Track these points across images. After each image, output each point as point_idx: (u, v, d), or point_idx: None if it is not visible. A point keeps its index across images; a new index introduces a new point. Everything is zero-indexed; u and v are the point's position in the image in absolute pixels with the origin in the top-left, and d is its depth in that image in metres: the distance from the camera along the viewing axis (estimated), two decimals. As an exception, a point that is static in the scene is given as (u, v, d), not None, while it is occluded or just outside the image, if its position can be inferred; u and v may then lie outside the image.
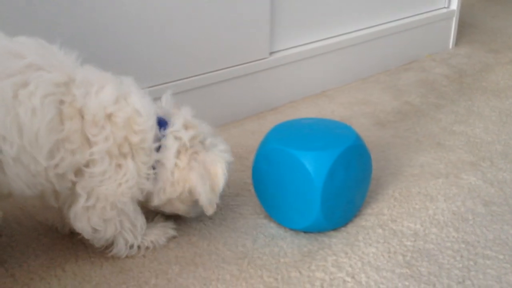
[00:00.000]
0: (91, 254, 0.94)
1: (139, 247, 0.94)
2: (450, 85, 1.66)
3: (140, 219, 0.92)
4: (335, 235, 0.99)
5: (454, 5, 1.96)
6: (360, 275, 0.89)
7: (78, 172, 0.82)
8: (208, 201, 0.91)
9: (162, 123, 0.90)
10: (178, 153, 0.89)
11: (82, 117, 0.80)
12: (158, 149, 0.88)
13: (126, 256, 0.93)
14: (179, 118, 0.91)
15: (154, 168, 0.89)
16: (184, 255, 0.94)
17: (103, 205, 0.84)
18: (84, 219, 0.85)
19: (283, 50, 1.50)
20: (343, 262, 0.92)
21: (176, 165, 0.89)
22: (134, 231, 0.91)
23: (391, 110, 1.50)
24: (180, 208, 0.95)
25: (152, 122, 0.86)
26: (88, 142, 0.81)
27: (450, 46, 2.00)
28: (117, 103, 0.83)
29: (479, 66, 1.81)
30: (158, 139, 0.88)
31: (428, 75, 1.74)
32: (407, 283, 0.87)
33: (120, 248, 0.91)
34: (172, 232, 0.98)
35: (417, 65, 1.83)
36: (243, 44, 1.37)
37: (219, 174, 0.91)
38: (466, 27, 2.23)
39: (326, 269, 0.91)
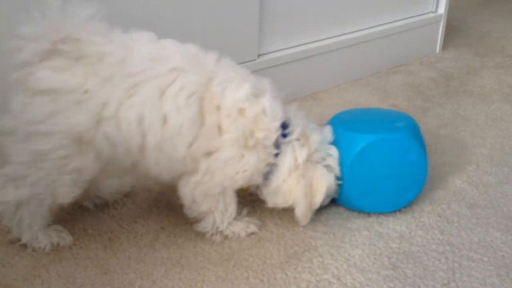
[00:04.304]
0: (76, 255, 0.93)
1: (221, 232, 0.98)
2: (436, 88, 1.67)
3: (233, 207, 0.98)
4: (321, 237, 0.99)
5: (442, 9, 1.97)
6: (345, 277, 0.89)
7: (207, 154, 0.91)
8: (302, 215, 0.98)
9: (284, 127, 0.96)
10: (290, 169, 0.96)
11: (219, 111, 0.90)
12: (276, 154, 0.96)
13: (201, 238, 0.98)
14: (298, 127, 0.97)
15: (269, 170, 0.96)
16: (169, 256, 0.94)
17: (213, 184, 0.93)
18: (190, 189, 0.93)
19: (271, 52, 1.50)
20: (329, 263, 0.92)
21: (287, 176, 0.96)
22: (224, 216, 0.97)
23: (379, 112, 1.51)
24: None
25: (277, 124, 0.94)
26: (221, 131, 0.90)
27: (438, 50, 2.01)
28: (248, 100, 0.91)
29: (466, 70, 1.83)
30: (278, 144, 0.95)
31: (415, 78, 1.75)
32: (392, 285, 0.88)
33: (206, 226, 0.97)
34: (253, 228, 1.01)
35: (405, 68, 1.84)
36: (231, 46, 1.37)
37: (320, 193, 0.98)
38: (454, 31, 2.25)
39: (312, 271, 0.91)
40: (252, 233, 1.00)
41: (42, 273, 0.89)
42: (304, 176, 0.96)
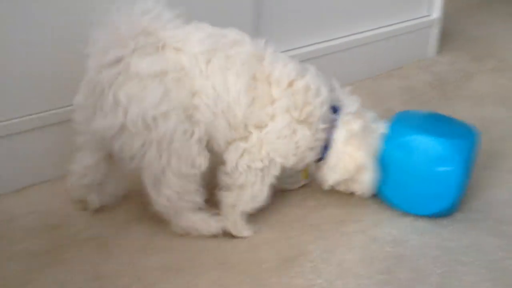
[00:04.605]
0: (69, 259, 0.93)
1: (235, 211, 0.99)
2: (432, 92, 1.68)
3: (264, 195, 1.00)
4: (315, 241, 0.99)
5: (437, 13, 1.98)
6: (337, 282, 0.89)
7: (259, 126, 0.96)
8: (370, 182, 1.03)
9: (335, 109, 1.02)
10: (347, 139, 1.01)
11: (269, 81, 0.96)
12: (330, 129, 1.01)
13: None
14: (351, 105, 1.03)
15: (326, 146, 1.02)
16: (163, 260, 0.94)
17: (260, 156, 0.97)
18: (237, 155, 0.97)
19: (266, 56, 1.50)
20: (322, 268, 0.92)
21: (345, 146, 1.01)
22: (251, 200, 0.99)
23: (374, 116, 1.51)
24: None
25: (320, 100, 0.99)
26: (273, 100, 0.96)
27: (433, 54, 2.02)
28: (296, 73, 0.98)
29: (461, 74, 1.83)
30: (330, 121, 1.01)
31: (410, 82, 1.75)
32: (385, 289, 0.88)
33: (229, 196, 0.99)
34: (248, 233, 1.01)
35: (400, 72, 1.84)
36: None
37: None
38: (450, 34, 2.25)
39: (305, 276, 0.91)
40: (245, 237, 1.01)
41: (35, 277, 0.89)
42: (364, 143, 1.01)
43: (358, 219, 1.05)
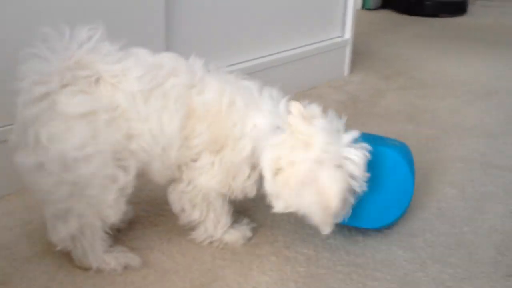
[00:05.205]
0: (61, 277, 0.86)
1: (219, 240, 1.01)
2: (345, 110, 1.72)
3: (225, 217, 1.00)
4: (229, 265, 0.97)
5: (348, 34, 2.05)
6: (252, 306, 0.88)
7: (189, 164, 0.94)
8: (322, 223, 0.92)
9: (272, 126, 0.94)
10: (275, 170, 0.92)
11: (197, 117, 0.92)
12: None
13: (198, 245, 1.01)
14: (289, 124, 0.93)
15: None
16: None
17: (195, 194, 0.96)
18: (177, 197, 0.97)
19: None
20: (236, 293, 0.90)
21: (274, 178, 0.92)
22: (217, 225, 0.99)
23: (289, 136, 1.52)
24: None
25: (252, 122, 0.93)
26: (194, 135, 0.93)
27: (346, 73, 2.09)
28: (214, 102, 0.93)
29: (371, 92, 1.90)
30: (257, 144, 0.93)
31: (325, 101, 1.79)
32: (298, 311, 0.87)
33: (199, 235, 1.00)
34: (249, 233, 1.03)
35: (315, 91, 1.89)
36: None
37: (335, 196, 0.88)
38: (361, 54, 2.34)
39: (218, 302, 0.88)
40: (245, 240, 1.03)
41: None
42: (308, 178, 0.88)
43: (272, 240, 1.05)
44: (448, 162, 1.40)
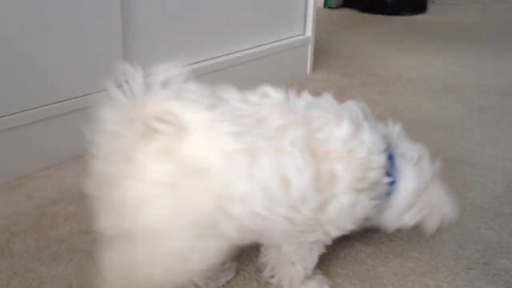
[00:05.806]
0: None
1: None
2: (307, 108, 1.72)
3: (314, 262, 0.89)
4: None
5: (309, 33, 2.05)
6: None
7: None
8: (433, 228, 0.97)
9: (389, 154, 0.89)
10: (418, 190, 0.93)
11: (329, 159, 0.79)
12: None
13: None
14: (411, 150, 0.94)
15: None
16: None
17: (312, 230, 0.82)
18: None
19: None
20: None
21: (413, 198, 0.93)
22: (306, 269, 0.88)
23: (251, 134, 1.51)
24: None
25: (383, 159, 0.85)
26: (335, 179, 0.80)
27: (308, 71, 2.09)
28: (351, 137, 0.82)
29: (334, 90, 1.90)
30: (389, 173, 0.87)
31: (287, 99, 1.79)
32: (261, 311, 0.86)
33: (282, 283, 0.89)
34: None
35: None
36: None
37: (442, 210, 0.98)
38: (323, 52, 2.35)
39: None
40: None
41: None
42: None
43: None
44: (409, 157, 1.41)
